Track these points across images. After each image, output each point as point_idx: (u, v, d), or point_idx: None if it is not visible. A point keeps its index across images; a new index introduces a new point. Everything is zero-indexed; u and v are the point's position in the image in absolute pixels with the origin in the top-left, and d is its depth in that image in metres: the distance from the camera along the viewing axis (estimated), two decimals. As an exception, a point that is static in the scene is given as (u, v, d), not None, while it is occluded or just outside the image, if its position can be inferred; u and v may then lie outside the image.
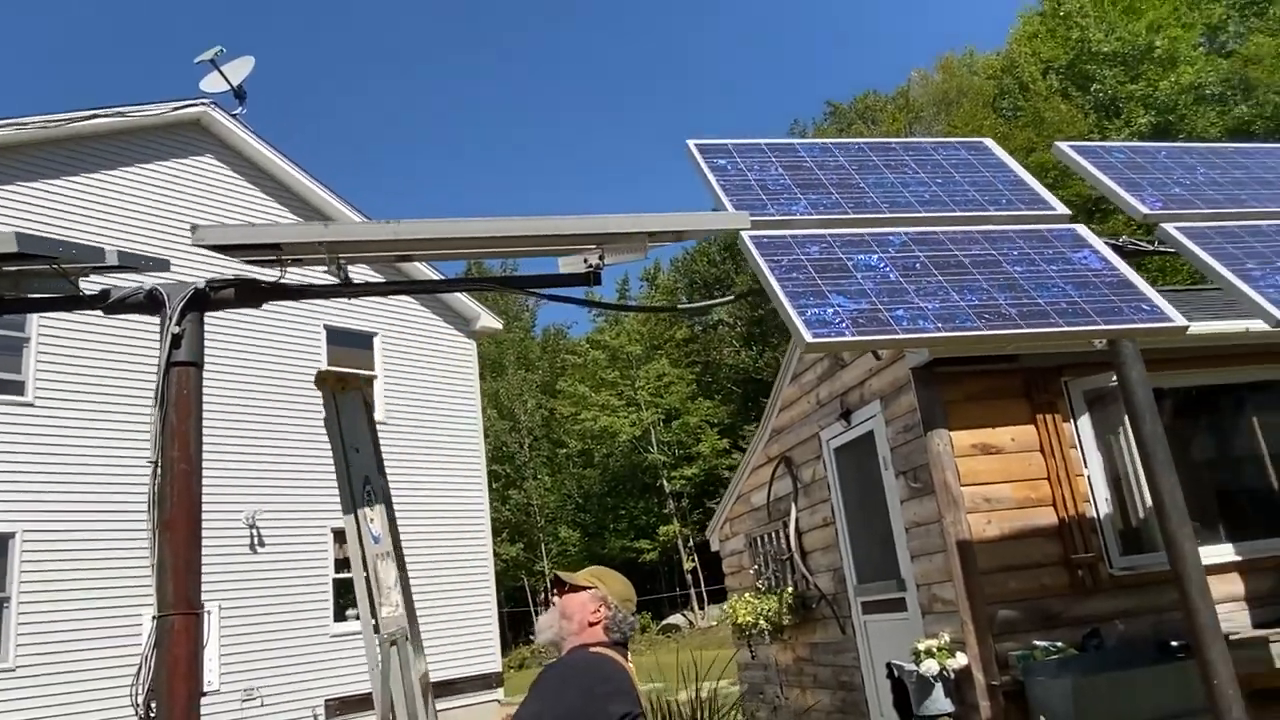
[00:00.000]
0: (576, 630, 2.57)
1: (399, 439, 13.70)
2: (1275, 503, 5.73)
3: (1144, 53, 29.15)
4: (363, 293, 3.00)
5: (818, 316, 2.89)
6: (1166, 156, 4.46)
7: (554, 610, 2.66)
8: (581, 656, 2.51)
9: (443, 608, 13.32)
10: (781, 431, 7.69)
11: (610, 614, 2.58)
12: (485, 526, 14.63)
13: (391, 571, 3.13)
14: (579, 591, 2.62)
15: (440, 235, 2.49)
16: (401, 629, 3.14)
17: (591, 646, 2.53)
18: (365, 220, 11.69)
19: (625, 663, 2.56)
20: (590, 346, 39.91)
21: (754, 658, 8.49)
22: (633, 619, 2.66)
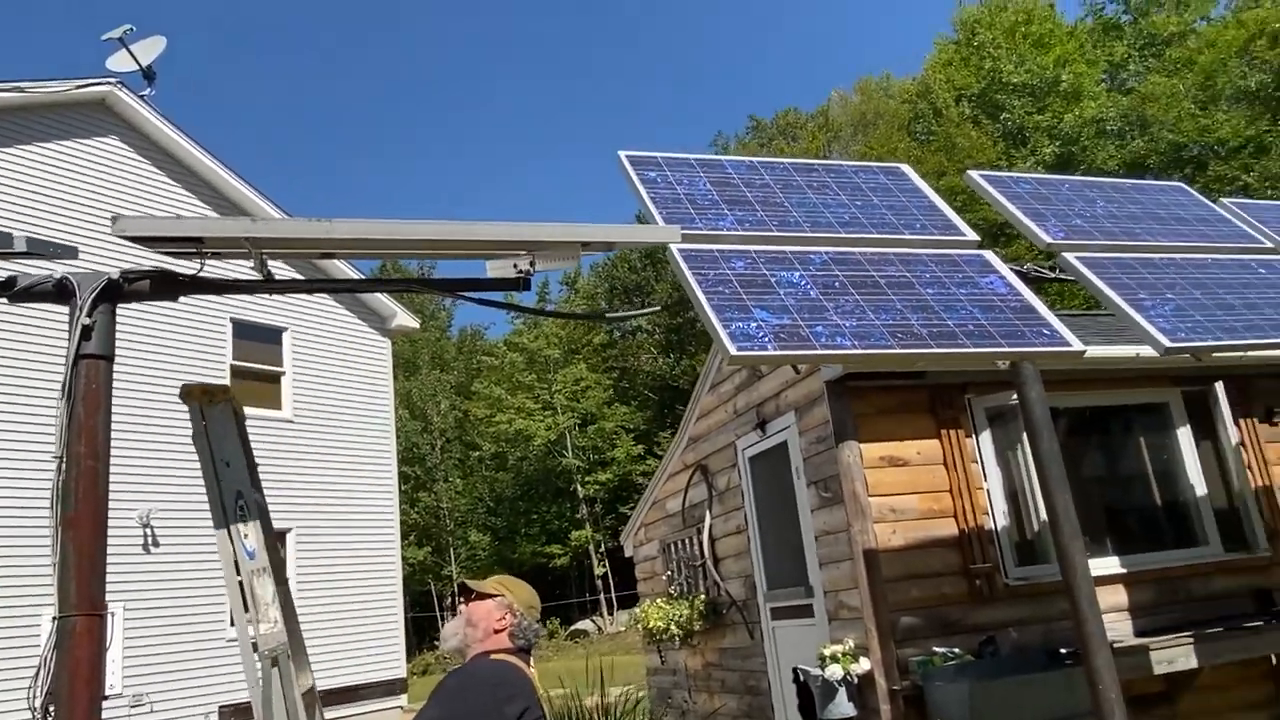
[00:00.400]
0: (481, 637, 2.60)
1: (307, 438, 13.36)
2: (1158, 519, 6.10)
3: (1051, 85, 30.59)
4: (287, 290, 2.95)
5: (742, 330, 2.98)
6: (1069, 189, 4.73)
7: (460, 617, 2.69)
8: (483, 664, 2.55)
9: (347, 612, 13.03)
10: (699, 439, 7.80)
11: (516, 621, 2.63)
12: (394, 529, 14.36)
13: (268, 587, 3.06)
14: (485, 599, 2.65)
15: (374, 236, 2.47)
16: (282, 645, 3.08)
17: (495, 653, 2.57)
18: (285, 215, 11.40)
19: (528, 669, 2.61)
20: (508, 349, 39.60)
21: (663, 663, 8.57)
22: (537, 626, 2.71)
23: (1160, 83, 27.73)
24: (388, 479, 14.45)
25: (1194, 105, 26.83)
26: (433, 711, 2.37)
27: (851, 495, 5.31)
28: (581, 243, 2.64)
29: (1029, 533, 5.72)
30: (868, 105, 38.38)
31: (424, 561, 35.55)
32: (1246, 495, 6.09)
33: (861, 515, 5.27)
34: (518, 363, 37.41)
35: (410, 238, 2.60)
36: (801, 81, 72.58)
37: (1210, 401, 6.24)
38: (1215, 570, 5.85)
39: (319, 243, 2.46)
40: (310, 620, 12.78)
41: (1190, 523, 6.04)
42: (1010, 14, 33.71)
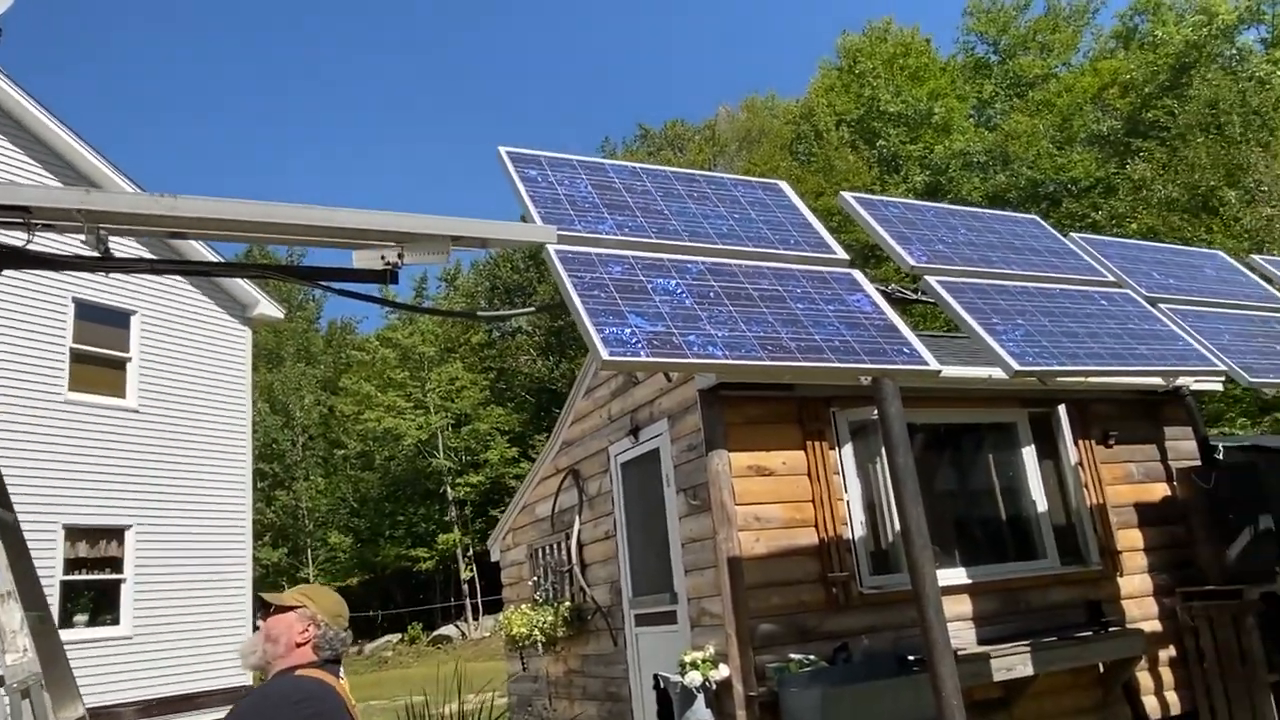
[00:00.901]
0: (283, 652, 2.49)
1: (153, 429, 12.56)
2: (1002, 533, 6.44)
3: (924, 117, 32.16)
4: (124, 269, 2.74)
5: (616, 335, 2.95)
6: (934, 215, 4.93)
7: (258, 634, 2.56)
8: (283, 681, 2.43)
9: (191, 615, 12.30)
10: (572, 444, 7.75)
11: (320, 632, 2.52)
12: (246, 528, 13.63)
13: (15, 614, 2.81)
14: (285, 612, 2.54)
15: (225, 216, 2.31)
16: (34, 675, 2.83)
17: (299, 668, 2.46)
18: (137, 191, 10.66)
19: (338, 681, 2.50)
20: (380, 344, 38.42)
21: (525, 670, 8.46)
22: (345, 635, 2.60)
23: (1023, 122, 29.57)
24: (241, 475, 13.73)
25: (1052, 145, 28.73)
26: None
27: (719, 503, 5.38)
28: (452, 236, 2.55)
29: (884, 543, 5.93)
30: (753, 123, 39.35)
31: (279, 563, 34.05)
32: (1083, 512, 6.51)
33: (727, 523, 5.34)
34: (390, 359, 36.35)
35: (266, 220, 2.45)
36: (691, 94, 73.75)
37: (1053, 423, 6.64)
38: (1053, 582, 6.22)
39: (162, 220, 2.28)
40: (149, 623, 12.03)
41: (1031, 537, 6.40)
42: (890, 45, 35.28)
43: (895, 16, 37.04)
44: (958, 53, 36.29)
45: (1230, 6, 27.89)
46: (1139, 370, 4.17)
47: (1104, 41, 33.90)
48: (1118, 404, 6.92)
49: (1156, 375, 4.51)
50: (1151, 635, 6.26)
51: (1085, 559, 6.43)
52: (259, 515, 31.46)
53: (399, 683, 22.80)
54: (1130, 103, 28.39)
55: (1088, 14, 35.05)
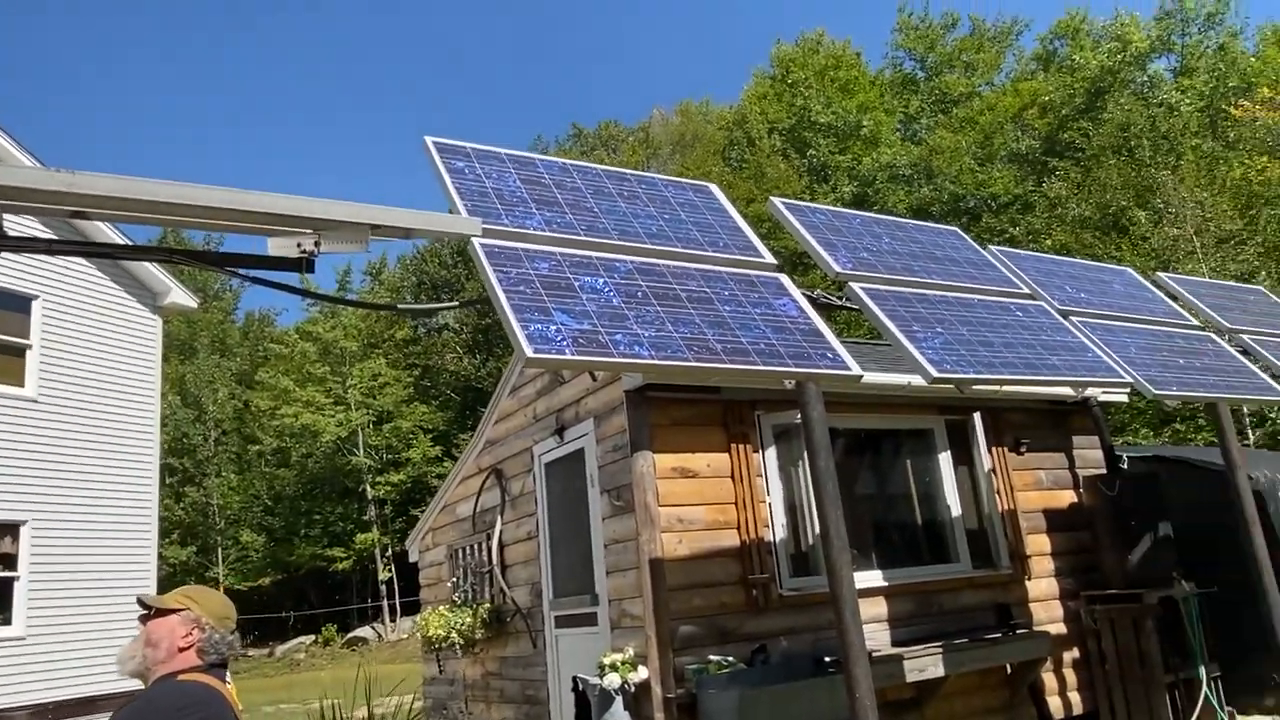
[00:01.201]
0: (165, 658, 2.37)
1: (53, 420, 11.97)
2: (918, 536, 6.58)
3: (853, 129, 32.83)
4: (17, 248, 2.58)
5: (541, 333, 2.90)
6: (859, 224, 5.00)
7: (137, 639, 2.43)
8: (165, 687, 2.32)
9: (91, 614, 11.75)
10: (495, 443, 7.65)
11: (205, 635, 2.41)
12: (151, 525, 13.06)
13: None
14: (166, 615, 2.42)
15: (128, 195, 2.18)
16: None
17: (182, 673, 2.36)
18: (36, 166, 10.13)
19: (223, 686, 2.40)
20: (299, 337, 37.42)
21: (441, 673, 8.31)
22: (232, 638, 2.50)
23: (947, 138, 30.45)
24: (147, 470, 13.17)
25: (974, 161, 29.64)
26: None
27: (642, 505, 5.36)
28: (372, 225, 2.47)
29: (804, 545, 5.99)
30: (687, 127, 39.63)
31: (187, 562, 32.88)
32: (994, 517, 6.69)
33: (650, 524, 5.32)
34: (310, 353, 35.44)
35: (174, 201, 2.32)
36: (626, 95, 73.83)
37: (969, 430, 6.82)
38: (965, 585, 6.38)
39: (60, 197, 2.14)
40: (45, 624, 11.44)
41: (945, 541, 6.55)
42: (822, 57, 35.93)
43: (828, 29, 37.75)
44: (886, 68, 37.19)
45: (1143, 35, 29.22)
46: (1051, 380, 4.30)
47: (1025, 63, 35.16)
48: (1029, 413, 7.14)
49: (1067, 385, 4.66)
50: (1057, 638, 6.47)
51: (996, 563, 6.62)
52: (167, 512, 30.33)
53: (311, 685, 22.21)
54: (1048, 123, 29.49)
55: (1011, 36, 36.29)
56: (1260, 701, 6.61)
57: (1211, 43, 29.57)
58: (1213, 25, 29.90)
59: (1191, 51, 29.80)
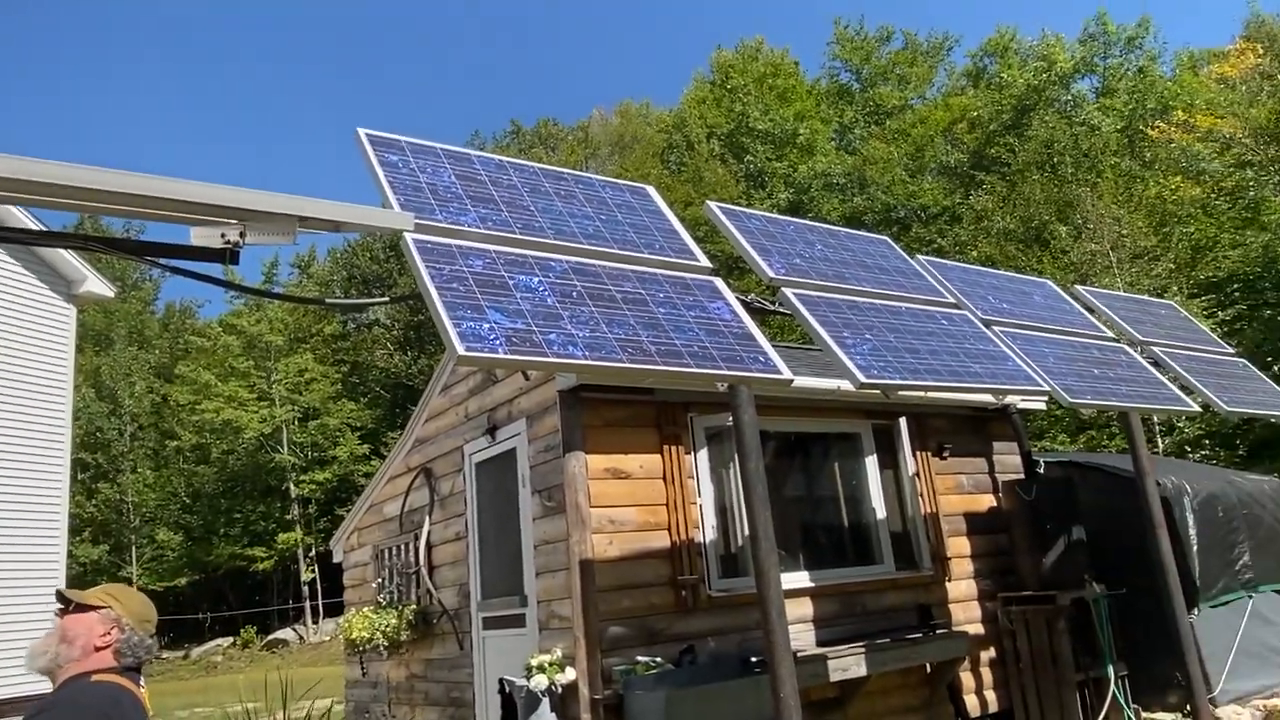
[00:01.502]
0: (79, 656, 2.29)
1: (-42, 411, 11.39)
2: (844, 538, 6.70)
3: (790, 137, 33.30)
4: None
5: (473, 330, 2.87)
6: (793, 230, 5.08)
7: (52, 634, 2.34)
8: (84, 688, 2.24)
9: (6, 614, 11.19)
10: (425, 442, 7.54)
11: (124, 636, 2.34)
12: (60, 522, 12.49)
13: None
14: (86, 611, 2.34)
15: (38, 178, 2.08)
16: None
17: (96, 674, 2.27)
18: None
19: (137, 690, 2.33)
20: (223, 330, 36.33)
21: (364, 675, 8.16)
22: (150, 642, 2.42)
23: (880, 149, 31.11)
24: (57, 465, 12.59)
25: (905, 172, 30.34)
26: None
27: (574, 505, 5.34)
28: (300, 217, 2.41)
29: (734, 546, 6.05)
30: (626, 128, 39.70)
31: (99, 561, 31.62)
32: (917, 520, 6.86)
33: (581, 525, 5.31)
34: (233, 347, 34.44)
35: (90, 187, 2.23)
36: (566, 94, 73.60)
37: (894, 435, 6.96)
38: (888, 587, 6.51)
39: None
40: (-58, 625, 10.86)
41: (870, 543, 6.69)
42: (761, 64, 36.38)
43: (767, 38, 38.24)
44: (823, 77, 37.84)
45: (1067, 57, 30.30)
46: (973, 387, 4.42)
47: (956, 79, 36.15)
48: (952, 419, 7.33)
49: (988, 393, 4.80)
50: (975, 638, 6.66)
51: (918, 565, 6.77)
52: (78, 509, 29.17)
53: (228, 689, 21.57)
54: (976, 138, 30.37)
55: (942, 51, 37.29)
56: (1164, 699, 6.91)
57: (1132, 65, 30.82)
58: (1133, 49, 31.19)
59: (1113, 73, 31.02)
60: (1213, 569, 7.10)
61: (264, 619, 33.03)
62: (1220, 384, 6.48)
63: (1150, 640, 6.84)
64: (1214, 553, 7.17)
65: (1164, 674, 6.80)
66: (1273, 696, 7.03)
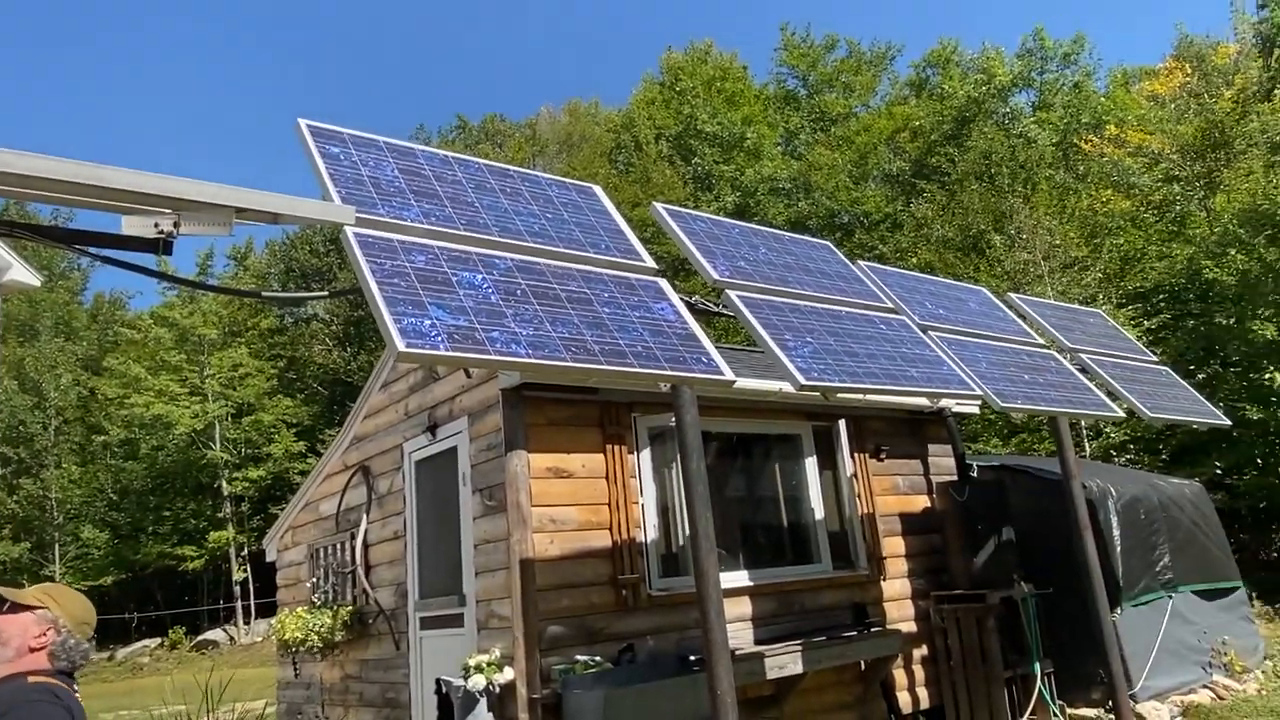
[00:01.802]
0: (13, 657, 2.24)
1: None
2: (783, 538, 6.78)
3: (737, 140, 33.56)
4: None
5: (414, 327, 2.84)
6: (738, 234, 5.12)
7: None
8: (18, 690, 2.19)
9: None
10: (363, 439, 7.43)
11: (60, 639, 2.29)
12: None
13: None
14: (21, 611, 2.28)
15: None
16: None
17: (30, 675, 2.23)
18: None
19: (73, 695, 2.27)
20: (154, 322, 35.22)
21: (297, 676, 8.01)
22: (87, 646, 2.38)
23: (825, 155, 31.53)
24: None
25: (849, 179, 30.81)
26: None
27: (515, 504, 5.32)
28: (236, 208, 2.36)
29: (675, 546, 6.08)
30: (575, 127, 39.57)
31: (19, 559, 30.44)
32: (854, 521, 6.98)
33: (522, 524, 5.29)
34: (165, 339, 33.39)
35: (21, 173, 2.15)
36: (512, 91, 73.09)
37: (834, 436, 7.08)
38: (825, 585, 6.62)
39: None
40: None
41: (809, 543, 6.78)
42: (710, 68, 36.61)
43: (716, 41, 38.50)
44: (770, 83, 38.21)
45: (1006, 70, 31.09)
46: (909, 390, 4.52)
47: (899, 88, 36.82)
48: (889, 421, 7.48)
49: (924, 396, 4.90)
50: (908, 635, 6.80)
51: (854, 564, 6.90)
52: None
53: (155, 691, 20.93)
54: (918, 147, 30.98)
55: (886, 60, 37.93)
56: (1088, 696, 7.14)
57: (1068, 81, 31.75)
58: (1068, 65, 32.14)
59: (1049, 88, 31.91)
60: (1135, 569, 7.36)
61: (193, 619, 32.13)
62: (1144, 391, 6.72)
63: (1075, 639, 7.06)
64: (1136, 554, 7.43)
65: (1088, 671, 7.03)
66: (1190, 693, 7.31)
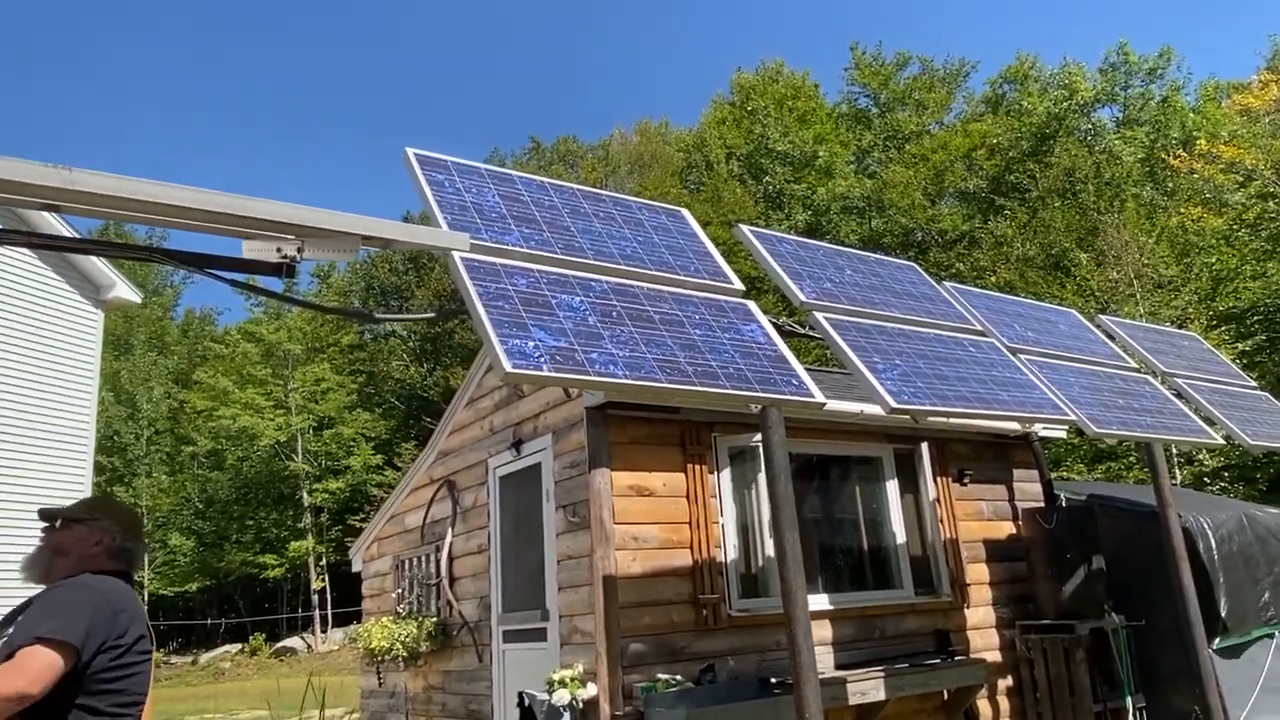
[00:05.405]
0: (75, 563, 2.38)
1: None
2: (863, 561, 6.72)
3: (809, 159, 33.43)
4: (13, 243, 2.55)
5: (519, 348, 2.94)
6: (824, 255, 5.14)
7: (43, 546, 2.43)
8: (90, 578, 2.33)
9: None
10: (449, 454, 7.61)
11: (115, 543, 2.43)
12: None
13: None
14: (73, 525, 2.43)
15: (125, 194, 2.17)
16: None
17: (91, 573, 2.37)
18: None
19: (131, 588, 2.43)
20: (241, 338, 36.60)
21: (381, 685, 8.20)
22: (139, 548, 2.53)
23: (899, 172, 31.17)
24: (81, 469, 12.75)
25: (924, 197, 30.39)
26: (52, 623, 2.10)
27: (598, 521, 5.40)
28: (363, 235, 2.49)
29: (754, 567, 6.08)
30: (645, 147, 39.90)
31: (113, 563, 31.76)
32: (937, 545, 6.87)
33: (605, 541, 5.36)
34: (251, 354, 34.68)
35: (166, 202, 2.32)
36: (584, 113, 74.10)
37: (916, 459, 6.99)
38: (907, 611, 6.53)
39: (53, 193, 2.12)
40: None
41: (889, 567, 6.70)
42: (781, 86, 36.57)
43: (786, 60, 38.47)
44: (842, 101, 37.98)
45: (1089, 86, 30.36)
46: (1002, 415, 4.46)
47: (975, 105, 36.22)
48: (973, 445, 7.35)
49: (1017, 420, 4.84)
50: (993, 665, 6.65)
51: (937, 590, 6.78)
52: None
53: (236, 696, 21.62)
54: (995, 164, 30.41)
55: (959, 77, 37.39)
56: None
57: (1154, 96, 30.83)
58: (1155, 79, 31.21)
59: (1133, 103, 31.03)
60: (1236, 604, 7.07)
61: (272, 627, 33.08)
62: (1244, 417, 6.49)
63: (1169, 673, 6.81)
64: (1236, 587, 7.14)
65: (1182, 707, 6.76)
66: (1293, 733, 6.98)
